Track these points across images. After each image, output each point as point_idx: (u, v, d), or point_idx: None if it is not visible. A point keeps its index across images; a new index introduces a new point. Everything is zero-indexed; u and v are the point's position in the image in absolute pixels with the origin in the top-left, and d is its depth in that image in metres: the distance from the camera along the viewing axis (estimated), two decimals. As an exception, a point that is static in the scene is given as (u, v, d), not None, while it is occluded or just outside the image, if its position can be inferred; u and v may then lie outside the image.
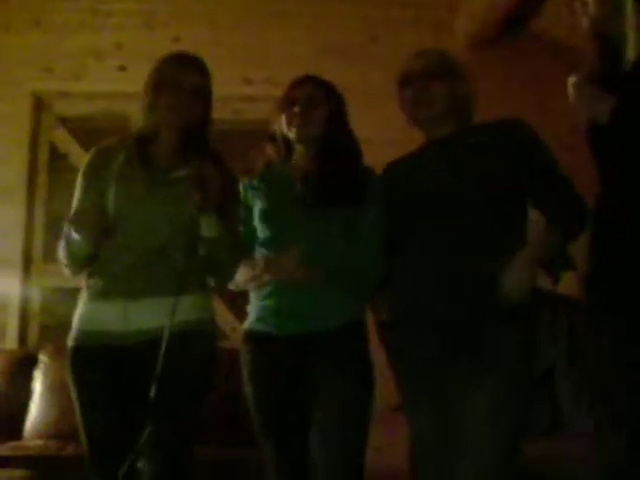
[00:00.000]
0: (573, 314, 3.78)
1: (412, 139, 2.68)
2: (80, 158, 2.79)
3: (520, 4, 4.06)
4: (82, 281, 2.59)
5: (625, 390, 2.15)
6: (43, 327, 4.59)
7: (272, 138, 2.74)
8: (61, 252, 2.55)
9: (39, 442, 3.78)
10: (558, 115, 2.78)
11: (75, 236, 2.44)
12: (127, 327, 2.45)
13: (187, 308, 2.44)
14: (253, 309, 2.67)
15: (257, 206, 2.68)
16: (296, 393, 2.55)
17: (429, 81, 2.55)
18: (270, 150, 2.75)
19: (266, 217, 2.65)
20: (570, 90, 2.21)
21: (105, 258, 2.50)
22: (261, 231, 2.66)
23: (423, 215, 2.51)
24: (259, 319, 2.63)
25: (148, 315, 2.44)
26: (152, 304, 2.44)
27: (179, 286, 2.39)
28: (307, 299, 2.54)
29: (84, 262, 2.55)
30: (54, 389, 3.87)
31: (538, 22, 4.32)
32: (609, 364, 2.20)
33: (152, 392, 2.32)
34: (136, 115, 2.66)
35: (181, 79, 2.51)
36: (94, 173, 2.59)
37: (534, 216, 2.45)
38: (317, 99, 2.64)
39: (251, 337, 2.65)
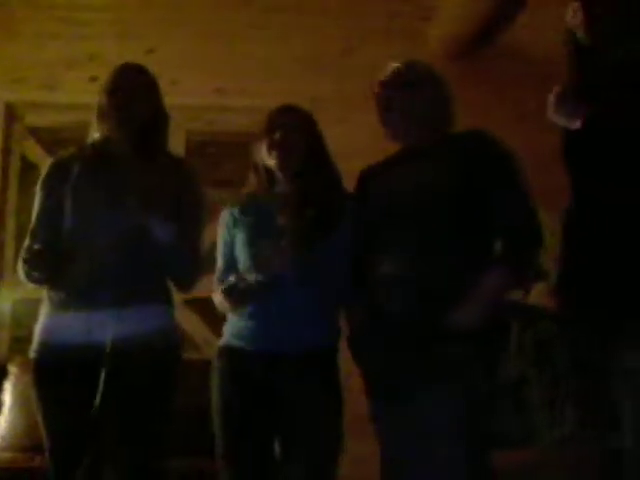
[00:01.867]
0: (542, 324, 3.79)
1: (385, 150, 2.69)
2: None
3: (494, 15, 4.09)
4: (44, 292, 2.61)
5: (597, 395, 2.17)
6: (13, 339, 4.55)
7: (254, 168, 2.71)
8: (21, 274, 2.56)
9: (8, 454, 3.75)
10: (535, 124, 2.77)
11: (32, 272, 2.48)
12: (88, 338, 2.45)
13: (144, 318, 2.48)
14: (230, 327, 2.66)
15: (239, 236, 2.66)
16: (261, 410, 2.53)
17: (402, 90, 2.56)
18: (252, 180, 2.73)
19: (248, 247, 2.63)
20: (550, 102, 2.23)
21: (65, 270, 2.50)
22: (243, 261, 2.64)
23: (390, 226, 2.52)
24: (234, 335, 2.62)
25: (109, 326, 2.44)
26: (112, 315, 2.45)
27: (125, 296, 2.46)
28: (285, 320, 2.54)
29: (45, 285, 2.58)
30: (23, 401, 3.83)
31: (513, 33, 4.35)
32: (581, 371, 2.21)
33: (97, 404, 2.39)
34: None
35: (116, 84, 2.61)
36: (50, 186, 2.65)
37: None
38: (297, 127, 2.65)
39: (225, 352, 2.63)
